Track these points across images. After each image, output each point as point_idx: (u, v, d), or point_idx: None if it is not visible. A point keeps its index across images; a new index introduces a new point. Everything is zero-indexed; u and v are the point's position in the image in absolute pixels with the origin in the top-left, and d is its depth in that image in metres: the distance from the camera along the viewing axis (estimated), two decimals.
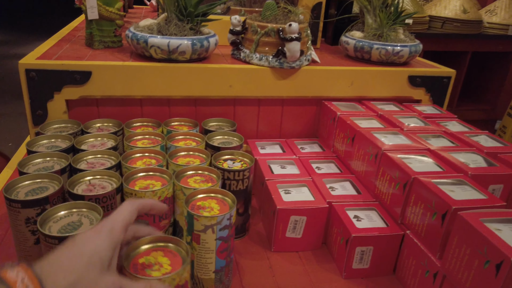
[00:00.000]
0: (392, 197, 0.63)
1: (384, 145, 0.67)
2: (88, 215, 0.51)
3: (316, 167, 0.79)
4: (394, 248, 0.62)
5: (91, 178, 0.59)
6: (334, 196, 0.69)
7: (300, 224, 0.65)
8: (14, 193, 0.54)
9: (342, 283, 0.61)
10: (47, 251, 0.47)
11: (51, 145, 0.68)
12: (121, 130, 0.76)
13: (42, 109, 0.77)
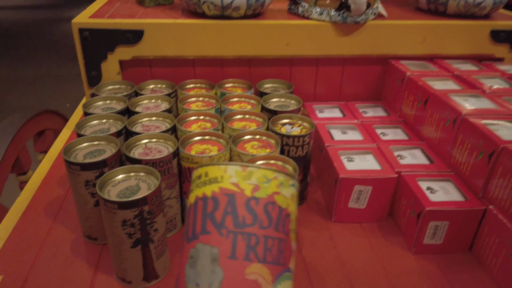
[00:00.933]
0: (473, 167, 0.56)
1: (465, 110, 0.59)
2: (146, 180, 0.49)
3: (381, 132, 0.73)
4: (473, 224, 0.56)
5: (147, 141, 0.57)
6: (403, 165, 0.62)
7: (364, 195, 0.60)
8: (73, 155, 0.53)
9: (412, 258, 0.57)
10: (107, 214, 0.46)
11: (106, 107, 0.67)
12: (175, 92, 0.74)
13: (97, 70, 0.75)
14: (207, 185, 0.28)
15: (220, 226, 0.26)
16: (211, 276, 0.25)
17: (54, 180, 0.70)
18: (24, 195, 0.66)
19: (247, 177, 0.27)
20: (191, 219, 0.28)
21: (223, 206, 0.26)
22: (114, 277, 0.52)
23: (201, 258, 0.26)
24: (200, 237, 0.26)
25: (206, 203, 0.27)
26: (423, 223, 0.55)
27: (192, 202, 0.29)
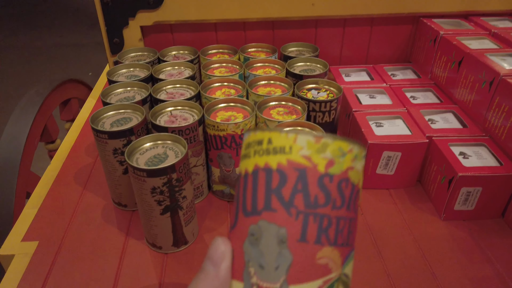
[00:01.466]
0: (510, 131, 0.54)
1: (503, 70, 0.56)
2: (173, 147, 0.49)
3: (411, 96, 0.70)
4: (507, 190, 0.54)
5: (173, 109, 0.57)
6: (435, 129, 0.60)
7: (393, 161, 0.59)
8: (100, 123, 0.54)
9: (441, 224, 0.56)
10: (136, 182, 0.46)
11: (130, 74, 0.66)
12: (197, 57, 0.72)
13: (118, 37, 0.74)
14: (271, 155, 0.24)
15: (288, 204, 0.23)
16: (278, 259, 0.23)
17: (82, 148, 0.71)
18: (54, 164, 0.68)
19: (321, 150, 0.23)
20: (250, 191, 0.24)
21: (292, 182, 0.23)
22: (144, 242, 0.53)
23: (265, 238, 0.23)
24: (263, 214, 0.23)
25: (270, 176, 0.23)
26: (454, 189, 0.53)
27: (250, 171, 0.24)
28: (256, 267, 0.23)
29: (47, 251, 0.52)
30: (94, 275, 0.48)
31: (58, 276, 0.48)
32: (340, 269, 0.23)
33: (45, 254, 0.51)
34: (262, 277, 0.23)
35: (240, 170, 0.26)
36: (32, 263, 0.50)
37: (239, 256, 0.24)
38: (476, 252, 0.52)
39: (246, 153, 0.25)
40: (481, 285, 0.47)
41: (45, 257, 0.51)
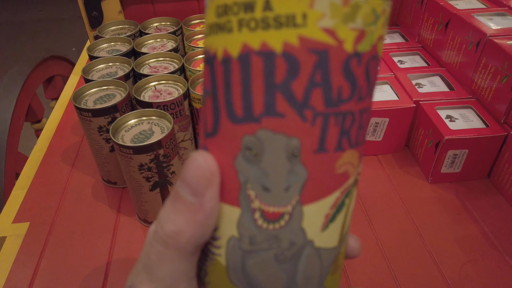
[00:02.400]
0: (496, 92, 0.54)
1: (490, 30, 0.55)
2: (158, 123, 0.49)
3: (398, 60, 0.69)
4: (493, 151, 0.55)
5: (156, 83, 0.56)
6: (422, 94, 0.60)
7: (381, 127, 0.59)
8: (83, 101, 0.53)
9: (429, 187, 0.57)
10: (123, 160, 0.46)
11: (111, 49, 0.65)
12: (180, 29, 0.70)
13: (97, 10, 0.72)
14: (271, 29, 0.15)
15: (302, 106, 0.15)
16: (289, 178, 0.16)
17: (68, 126, 0.70)
18: (41, 144, 0.67)
19: (350, 16, 0.15)
20: (237, 86, 0.16)
21: (308, 73, 0.15)
22: (136, 219, 0.53)
23: (269, 153, 0.16)
24: (264, 121, 0.16)
25: (271, 63, 0.15)
26: (441, 152, 0.54)
27: (235, 54, 0.16)
28: (259, 189, 0.17)
29: (39, 231, 0.52)
30: (87, 253, 0.49)
31: (51, 255, 0.49)
32: (357, 170, 0.18)
33: (37, 235, 0.51)
34: (268, 200, 0.17)
35: (208, 48, 0.17)
36: (25, 244, 0.50)
37: (230, 175, 0.17)
38: (462, 213, 0.53)
39: (221, 24, 0.16)
40: (467, 244, 0.49)
41: (38, 237, 0.51)
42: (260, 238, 0.17)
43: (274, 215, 0.17)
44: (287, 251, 0.17)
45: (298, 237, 0.17)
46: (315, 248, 0.18)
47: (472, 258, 0.47)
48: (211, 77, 0.17)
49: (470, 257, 0.47)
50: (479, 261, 0.47)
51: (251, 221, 0.17)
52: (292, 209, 0.17)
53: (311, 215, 0.17)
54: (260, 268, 0.18)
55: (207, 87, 0.18)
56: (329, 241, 0.18)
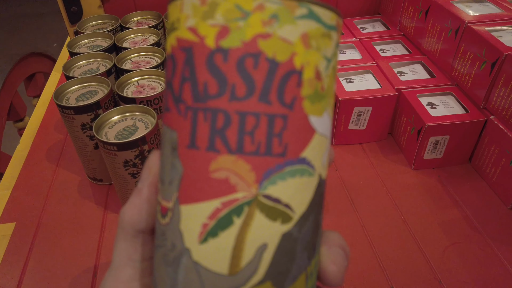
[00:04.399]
0: (475, 78, 0.55)
1: (468, 17, 0.56)
2: (142, 119, 0.49)
3: (381, 49, 0.70)
4: (473, 136, 0.56)
5: (139, 78, 0.55)
6: (403, 81, 0.61)
7: (364, 116, 0.60)
8: (64, 99, 0.52)
9: (412, 174, 0.58)
10: (107, 157, 0.46)
11: (92, 45, 0.64)
12: (161, 22, 0.70)
13: (76, 5, 0.71)
14: (169, 34, 0.18)
15: (177, 99, 0.17)
16: (171, 172, 0.17)
17: (51, 124, 0.69)
18: (24, 143, 0.66)
19: (208, 14, 0.16)
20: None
21: (180, 68, 0.17)
22: None
23: (164, 146, 0.18)
24: (164, 116, 0.18)
25: (167, 65, 0.18)
26: (423, 139, 0.55)
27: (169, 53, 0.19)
28: (160, 182, 0.18)
29: (25, 231, 0.51)
30: (75, 251, 0.49)
31: (39, 255, 0.49)
32: (255, 188, 0.16)
33: (23, 235, 0.51)
34: (162, 193, 0.18)
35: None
36: (11, 245, 0.50)
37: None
38: (445, 198, 0.54)
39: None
40: (449, 227, 0.50)
41: (24, 237, 0.51)
42: (158, 232, 0.18)
43: (164, 209, 0.18)
44: (170, 252, 0.17)
45: (177, 239, 0.17)
46: (193, 261, 0.16)
47: (455, 241, 0.49)
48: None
49: (453, 240, 0.49)
50: (461, 243, 0.48)
51: (157, 212, 0.19)
52: (173, 205, 0.17)
53: (187, 218, 0.17)
54: (156, 265, 0.18)
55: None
56: (212, 262, 0.16)
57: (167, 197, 0.17)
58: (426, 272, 0.45)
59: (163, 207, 0.18)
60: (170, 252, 0.17)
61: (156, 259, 0.18)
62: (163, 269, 0.17)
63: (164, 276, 0.17)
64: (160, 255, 0.18)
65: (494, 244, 0.48)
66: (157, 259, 0.18)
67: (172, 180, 0.17)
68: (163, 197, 0.18)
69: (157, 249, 0.18)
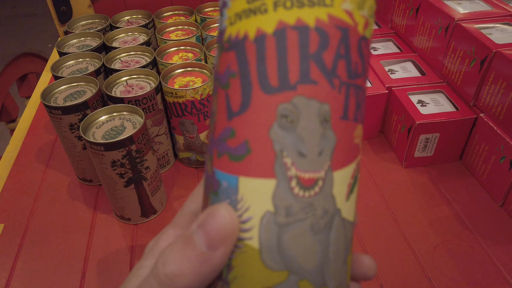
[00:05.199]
0: (465, 76, 0.55)
1: (458, 14, 0.56)
2: (130, 119, 0.48)
3: (372, 47, 0.70)
4: (464, 134, 0.56)
5: (128, 78, 0.55)
6: (394, 79, 0.61)
7: None
8: (52, 99, 0.52)
9: (403, 172, 0.58)
10: (95, 157, 0.45)
11: (81, 45, 0.63)
12: (152, 21, 0.69)
13: (66, 5, 0.70)
14: (305, 7, 0.17)
15: (331, 74, 0.18)
16: (322, 142, 0.18)
17: (41, 125, 0.69)
18: (13, 143, 0.65)
19: (360, 5, 0.18)
20: (273, 59, 0.18)
21: (335, 45, 0.18)
22: (113, 216, 0.53)
23: (304, 118, 0.18)
24: (300, 88, 0.18)
25: (306, 36, 0.17)
26: (413, 137, 0.55)
27: (270, 30, 0.18)
28: (295, 156, 0.18)
29: (14, 232, 0.51)
30: (64, 252, 0.49)
31: (27, 256, 0.48)
32: (360, 150, 0.20)
33: (12, 236, 0.51)
34: (304, 167, 0.18)
35: (236, 33, 0.19)
36: (0, 246, 0.49)
37: (265, 146, 0.18)
38: (435, 195, 0.54)
39: (254, 7, 0.18)
40: (440, 225, 0.50)
41: (13, 238, 0.50)
42: (296, 207, 0.18)
43: (310, 181, 0.18)
44: (321, 219, 0.18)
45: (330, 204, 0.18)
46: (341, 218, 0.19)
47: (445, 239, 0.49)
48: (238, 59, 0.18)
49: (443, 237, 0.49)
50: (451, 241, 0.48)
51: (287, 190, 0.18)
52: (325, 174, 0.18)
53: (339, 182, 0.19)
54: (297, 241, 0.18)
55: (233, 69, 0.19)
56: (350, 213, 0.19)
57: (316, 168, 0.18)
58: (416, 270, 0.45)
59: (306, 179, 0.18)
60: (321, 220, 0.18)
61: (297, 235, 0.18)
62: (310, 240, 0.18)
63: (312, 246, 0.18)
64: (303, 229, 0.18)
65: (484, 241, 0.48)
66: (299, 234, 0.18)
67: (323, 150, 0.18)
68: (306, 169, 0.18)
69: (294, 225, 0.18)
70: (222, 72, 0.19)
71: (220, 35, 0.20)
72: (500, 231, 0.49)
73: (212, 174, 0.19)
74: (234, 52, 0.18)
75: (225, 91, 0.19)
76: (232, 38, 0.19)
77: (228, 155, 0.18)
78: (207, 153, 0.20)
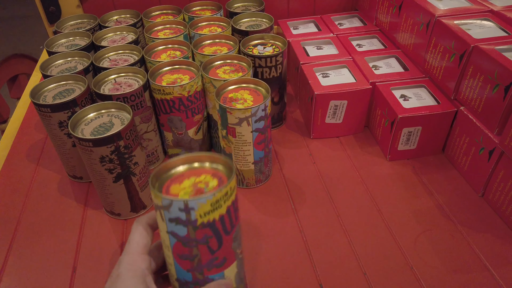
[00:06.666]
0: (446, 71, 0.56)
1: (438, 11, 0.58)
2: (118, 115, 0.49)
3: (357, 44, 0.71)
4: (445, 127, 0.57)
5: (116, 76, 0.56)
6: (378, 75, 0.62)
7: (340, 109, 0.61)
8: (41, 97, 0.53)
9: (387, 165, 0.59)
10: (84, 153, 0.46)
11: (70, 44, 0.64)
12: (140, 21, 0.70)
13: (54, 5, 0.71)
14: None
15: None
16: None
17: (31, 124, 0.70)
18: (4, 142, 0.66)
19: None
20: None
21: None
22: (103, 212, 0.54)
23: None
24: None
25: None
26: (396, 130, 0.56)
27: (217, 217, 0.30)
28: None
29: (5, 229, 0.52)
30: (55, 248, 0.49)
31: (18, 252, 0.49)
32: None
33: (3, 233, 0.51)
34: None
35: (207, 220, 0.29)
36: None
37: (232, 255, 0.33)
38: (418, 187, 0.56)
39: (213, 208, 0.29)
40: (422, 216, 0.51)
41: (4, 235, 0.51)
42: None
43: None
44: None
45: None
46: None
47: (427, 229, 0.50)
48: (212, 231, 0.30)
49: (425, 227, 0.50)
50: (433, 231, 0.50)
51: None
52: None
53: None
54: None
55: (210, 235, 0.30)
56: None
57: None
58: (399, 259, 0.46)
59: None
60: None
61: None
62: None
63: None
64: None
65: (465, 230, 0.49)
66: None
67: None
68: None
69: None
70: (200, 237, 0.29)
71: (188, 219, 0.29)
72: (480, 220, 0.51)
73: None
74: (209, 228, 0.29)
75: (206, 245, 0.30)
76: (205, 222, 0.29)
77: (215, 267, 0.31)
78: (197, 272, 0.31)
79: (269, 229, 0.51)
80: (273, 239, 0.49)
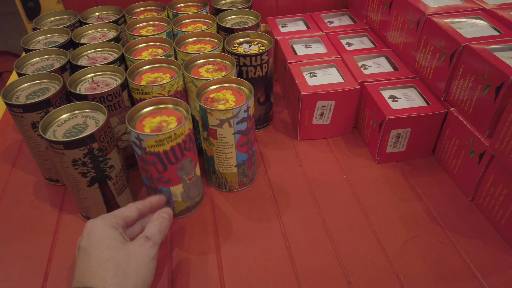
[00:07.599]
0: (436, 70, 0.55)
1: (429, 9, 0.56)
2: (93, 116, 0.47)
3: (346, 43, 0.69)
4: (435, 128, 0.56)
5: (94, 75, 0.54)
6: (367, 75, 0.60)
7: (328, 110, 0.59)
8: (14, 97, 0.50)
9: (375, 167, 0.57)
10: (55, 156, 0.44)
11: (48, 41, 0.62)
12: (123, 17, 0.68)
13: (33, 0, 0.68)
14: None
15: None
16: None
17: (9, 125, 0.67)
18: None
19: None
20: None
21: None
22: (79, 216, 0.52)
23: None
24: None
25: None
26: (385, 132, 0.54)
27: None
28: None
29: None
30: (27, 254, 0.47)
31: None
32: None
33: None
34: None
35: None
36: None
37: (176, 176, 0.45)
38: (407, 191, 0.54)
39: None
40: (410, 220, 0.50)
41: None
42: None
43: None
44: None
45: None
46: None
47: (415, 234, 0.48)
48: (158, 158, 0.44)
49: (413, 233, 0.48)
50: (421, 236, 0.48)
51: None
52: None
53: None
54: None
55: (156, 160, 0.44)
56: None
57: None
58: (384, 267, 0.45)
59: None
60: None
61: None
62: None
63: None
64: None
65: (453, 235, 0.48)
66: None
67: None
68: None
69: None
70: (149, 160, 0.44)
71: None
72: (470, 225, 0.49)
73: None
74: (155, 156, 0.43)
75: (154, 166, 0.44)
76: (151, 151, 0.43)
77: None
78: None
79: (251, 234, 0.49)
80: (255, 245, 0.47)
